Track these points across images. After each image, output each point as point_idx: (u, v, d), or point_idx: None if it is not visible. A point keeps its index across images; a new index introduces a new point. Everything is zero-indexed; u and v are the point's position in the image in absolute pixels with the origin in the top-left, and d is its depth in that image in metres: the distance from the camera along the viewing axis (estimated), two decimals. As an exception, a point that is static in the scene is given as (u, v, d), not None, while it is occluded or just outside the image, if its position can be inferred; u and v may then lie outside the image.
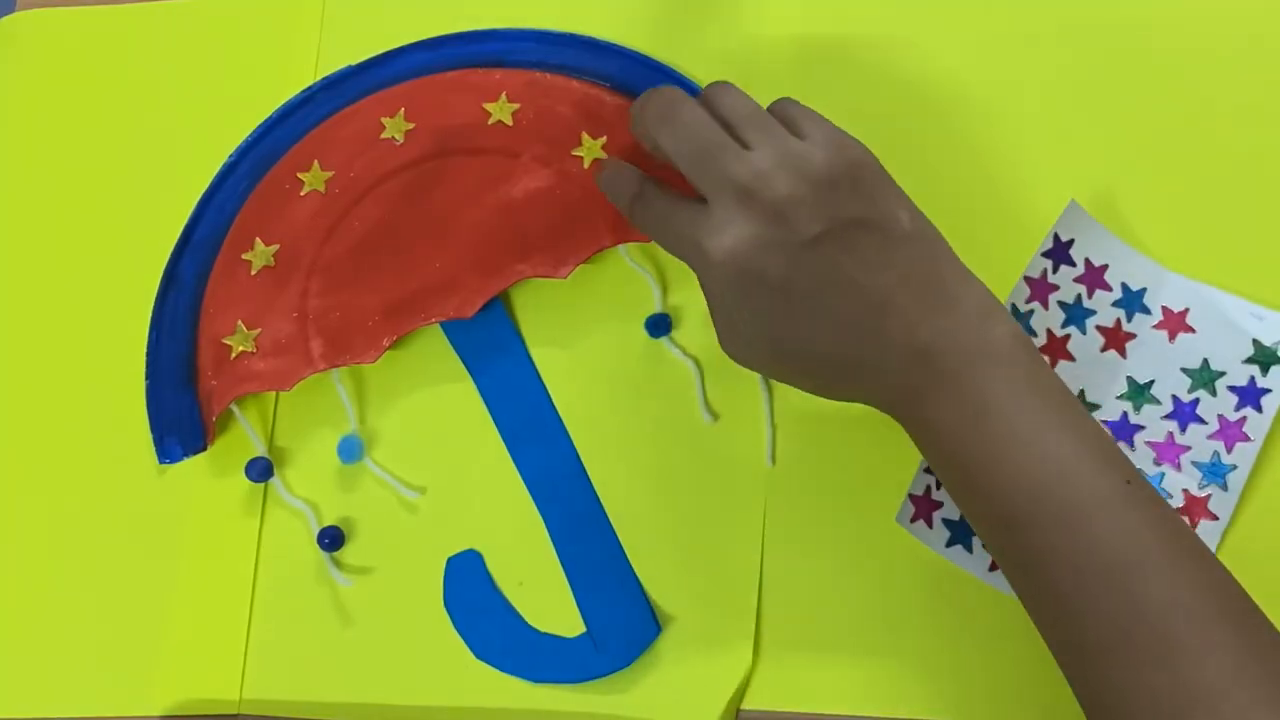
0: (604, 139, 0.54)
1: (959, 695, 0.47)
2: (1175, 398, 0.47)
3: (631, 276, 0.54)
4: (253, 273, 0.54)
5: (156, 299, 0.55)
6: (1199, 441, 0.47)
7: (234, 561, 0.53)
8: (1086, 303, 0.48)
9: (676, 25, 0.58)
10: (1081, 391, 0.48)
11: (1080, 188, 0.52)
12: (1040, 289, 0.48)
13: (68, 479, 0.55)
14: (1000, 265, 0.50)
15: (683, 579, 0.50)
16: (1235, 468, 0.47)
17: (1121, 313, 0.48)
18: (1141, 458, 0.47)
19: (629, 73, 0.56)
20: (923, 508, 0.47)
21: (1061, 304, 0.48)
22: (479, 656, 0.50)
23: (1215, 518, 0.47)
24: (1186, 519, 0.47)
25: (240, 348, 0.53)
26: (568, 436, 0.52)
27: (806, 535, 0.50)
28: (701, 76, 0.56)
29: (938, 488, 0.47)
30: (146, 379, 0.54)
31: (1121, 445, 0.47)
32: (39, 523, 0.55)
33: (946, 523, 0.47)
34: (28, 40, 0.62)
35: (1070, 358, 0.47)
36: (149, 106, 0.60)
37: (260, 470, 0.53)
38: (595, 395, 0.53)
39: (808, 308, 0.42)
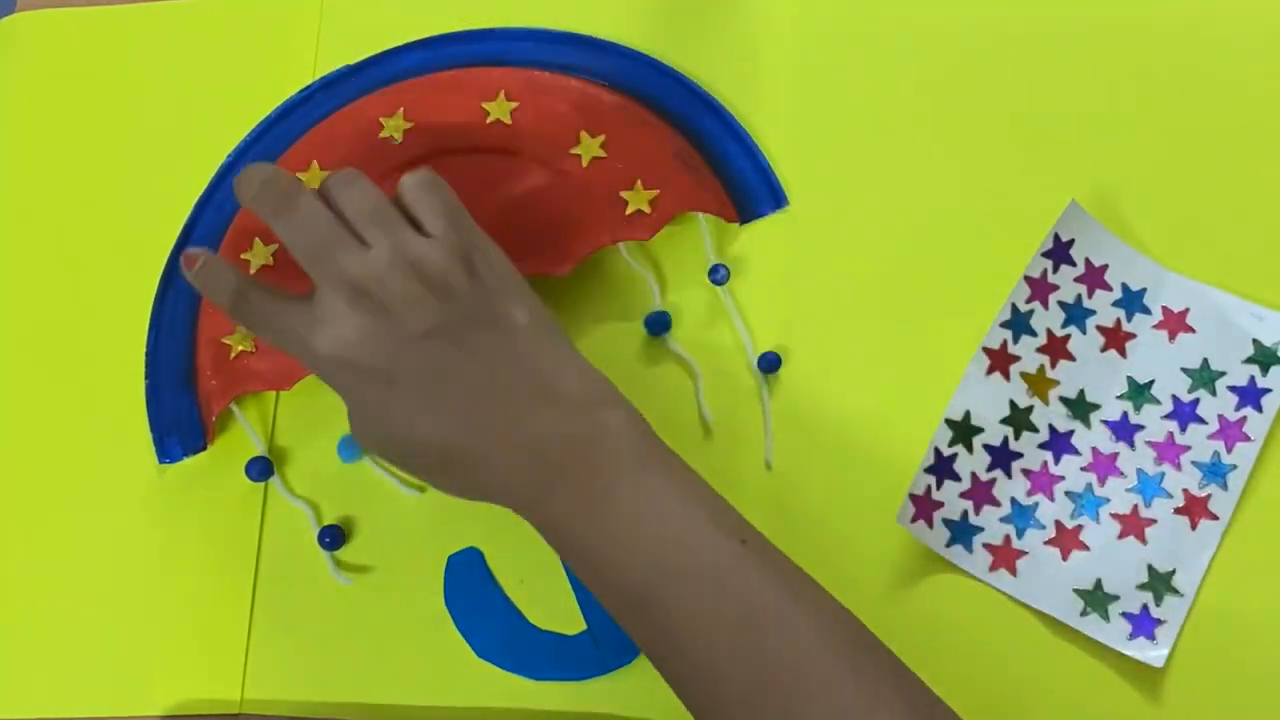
0: (603, 137, 0.54)
1: (958, 695, 0.47)
2: (1175, 397, 0.47)
3: (630, 275, 0.54)
4: (252, 272, 0.54)
5: (156, 299, 0.55)
6: (1199, 441, 0.47)
7: (234, 561, 0.53)
8: (1086, 303, 0.48)
9: (676, 24, 0.58)
10: (1081, 391, 0.48)
11: (1081, 187, 0.52)
12: (1040, 289, 0.48)
13: (68, 479, 0.55)
14: (1001, 265, 0.51)
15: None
16: (1235, 467, 0.47)
17: (1121, 313, 0.48)
18: (1142, 457, 0.47)
19: (628, 71, 0.56)
20: (923, 508, 0.47)
21: (1062, 304, 0.48)
22: (480, 655, 0.50)
23: (1215, 517, 0.47)
24: (1187, 519, 0.47)
25: (240, 347, 0.53)
26: (567, 435, 0.52)
27: (805, 534, 0.50)
28: (701, 76, 0.56)
29: (938, 487, 0.47)
30: (146, 379, 0.54)
31: (1122, 446, 0.47)
32: (39, 523, 0.55)
33: (946, 523, 0.47)
34: (28, 40, 0.62)
35: (1070, 357, 0.47)
36: (148, 106, 0.60)
37: (260, 470, 0.53)
38: (595, 393, 0.53)
39: (413, 399, 0.42)
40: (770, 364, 0.52)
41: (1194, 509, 0.47)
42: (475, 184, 0.54)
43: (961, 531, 0.47)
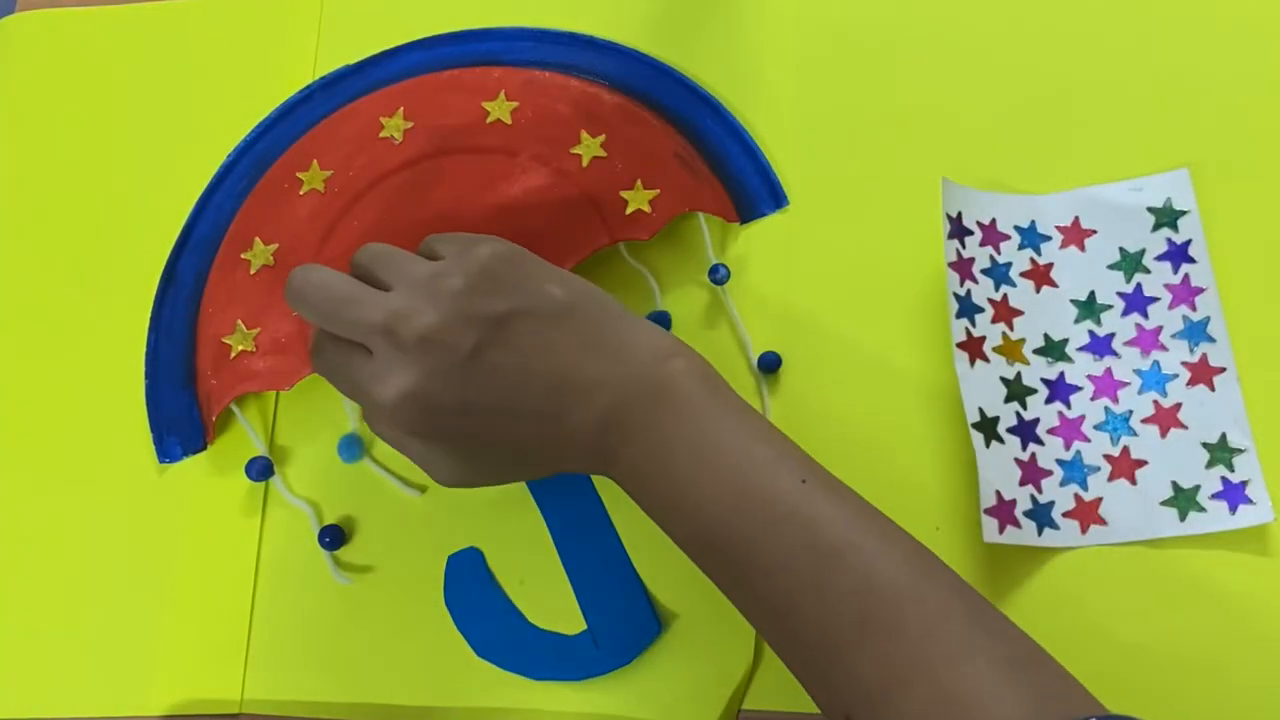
0: (603, 137, 0.54)
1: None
2: (1120, 294, 0.49)
3: (630, 275, 0.54)
4: (252, 272, 0.54)
5: (156, 298, 0.55)
6: (1164, 316, 0.49)
7: (234, 561, 0.53)
8: (999, 259, 0.49)
9: (675, 24, 0.58)
10: (1045, 335, 0.49)
11: (1080, 186, 0.52)
12: (963, 268, 0.49)
13: (68, 479, 0.55)
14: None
15: (683, 577, 0.50)
16: (1209, 318, 0.48)
17: (1030, 251, 0.49)
18: (1130, 359, 0.48)
19: (627, 71, 0.56)
20: (1003, 514, 0.47)
21: (984, 271, 0.49)
22: (480, 655, 0.50)
23: (1223, 369, 0.48)
24: (1203, 387, 0.48)
25: (240, 347, 0.53)
26: (567, 434, 0.52)
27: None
28: (701, 76, 0.56)
29: (1005, 491, 0.47)
30: (146, 379, 0.54)
31: (1108, 359, 0.48)
32: (39, 523, 0.55)
33: (1027, 515, 0.47)
34: (28, 40, 0.63)
35: (1018, 312, 0.48)
36: (148, 106, 0.60)
37: (260, 469, 0.53)
38: (595, 393, 0.53)
39: (492, 417, 0.42)
40: (770, 364, 0.52)
41: (1201, 373, 0.48)
42: (475, 184, 0.54)
43: (1041, 514, 0.47)
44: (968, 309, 0.49)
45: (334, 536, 0.52)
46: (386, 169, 0.55)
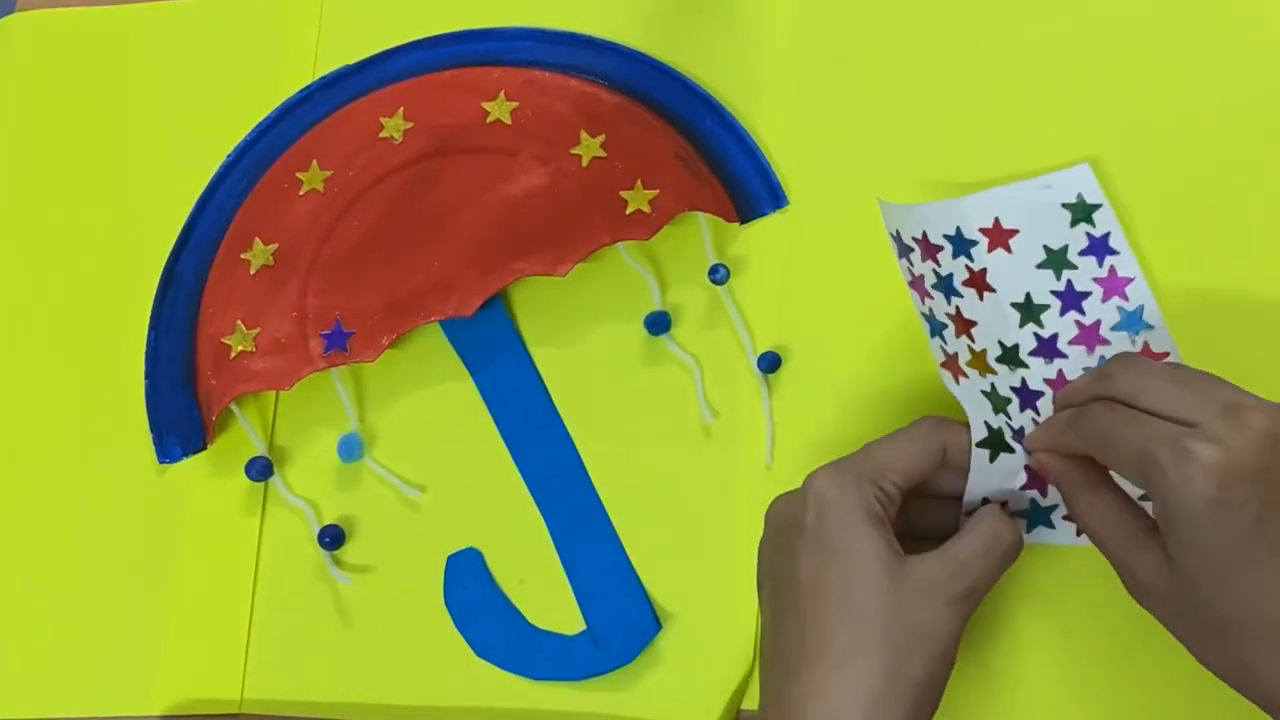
0: (603, 137, 0.54)
1: (957, 695, 0.47)
2: (1053, 292, 0.48)
3: (630, 275, 0.54)
4: (252, 272, 0.54)
5: (156, 298, 0.55)
6: (1099, 310, 0.48)
7: (234, 561, 0.53)
8: (941, 272, 0.48)
9: (675, 24, 0.58)
10: (1000, 342, 0.48)
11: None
12: (918, 286, 0.49)
13: (68, 479, 0.55)
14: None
15: (683, 577, 0.50)
16: (1143, 305, 0.48)
17: (963, 258, 0.48)
18: (1078, 356, 0.47)
19: (627, 71, 0.56)
20: None
21: (934, 286, 0.49)
22: (479, 655, 0.50)
23: (1166, 353, 0.47)
24: None
25: (239, 347, 0.53)
26: (567, 434, 0.52)
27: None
28: (701, 76, 0.56)
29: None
30: (146, 379, 0.54)
31: (1058, 361, 0.47)
32: (39, 523, 0.55)
33: (1020, 514, 0.47)
34: (28, 40, 0.63)
35: (972, 323, 0.48)
36: (148, 106, 0.60)
37: (260, 469, 0.53)
38: (595, 393, 0.53)
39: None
40: (770, 364, 0.52)
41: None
42: (475, 184, 0.54)
43: (1039, 516, 0.47)
44: (935, 327, 0.49)
45: (334, 536, 0.52)
46: (386, 169, 0.55)
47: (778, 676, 0.41)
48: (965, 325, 0.48)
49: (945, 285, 0.48)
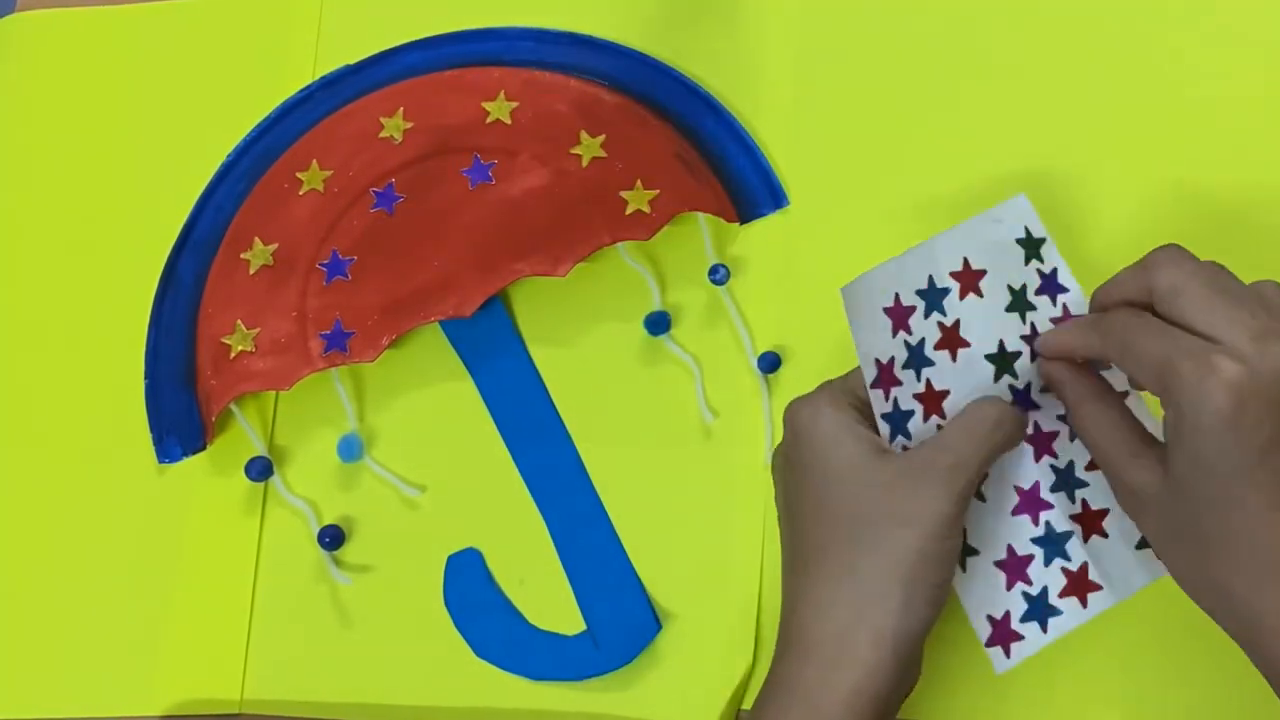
0: (603, 136, 0.54)
1: (956, 695, 0.47)
2: (1023, 337, 0.45)
3: (630, 275, 0.54)
4: (251, 272, 0.54)
5: (155, 299, 0.55)
6: None
7: (234, 561, 0.53)
8: (911, 340, 0.45)
9: (675, 24, 0.58)
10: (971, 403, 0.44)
11: (1079, 186, 0.52)
12: (884, 380, 0.45)
13: (68, 479, 0.55)
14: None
15: (683, 577, 0.50)
16: None
17: (937, 315, 0.45)
18: (1049, 405, 0.44)
19: (627, 71, 0.56)
20: (1003, 637, 0.44)
21: (904, 366, 0.45)
22: (479, 655, 0.50)
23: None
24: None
25: (239, 347, 0.53)
26: (567, 434, 0.52)
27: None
28: (701, 76, 0.56)
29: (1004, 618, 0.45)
30: (146, 379, 0.54)
31: (1032, 415, 0.45)
32: (39, 523, 0.55)
33: (1025, 618, 0.44)
34: (28, 40, 0.63)
35: (945, 394, 0.44)
36: (148, 106, 0.60)
37: (260, 469, 0.53)
38: (595, 393, 0.53)
39: None
40: (770, 364, 0.52)
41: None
42: (475, 184, 0.54)
43: (1038, 607, 0.44)
44: (897, 424, 0.45)
45: (333, 536, 0.52)
46: (386, 169, 0.55)
47: (788, 583, 0.43)
48: (936, 400, 0.45)
49: (916, 356, 0.45)
